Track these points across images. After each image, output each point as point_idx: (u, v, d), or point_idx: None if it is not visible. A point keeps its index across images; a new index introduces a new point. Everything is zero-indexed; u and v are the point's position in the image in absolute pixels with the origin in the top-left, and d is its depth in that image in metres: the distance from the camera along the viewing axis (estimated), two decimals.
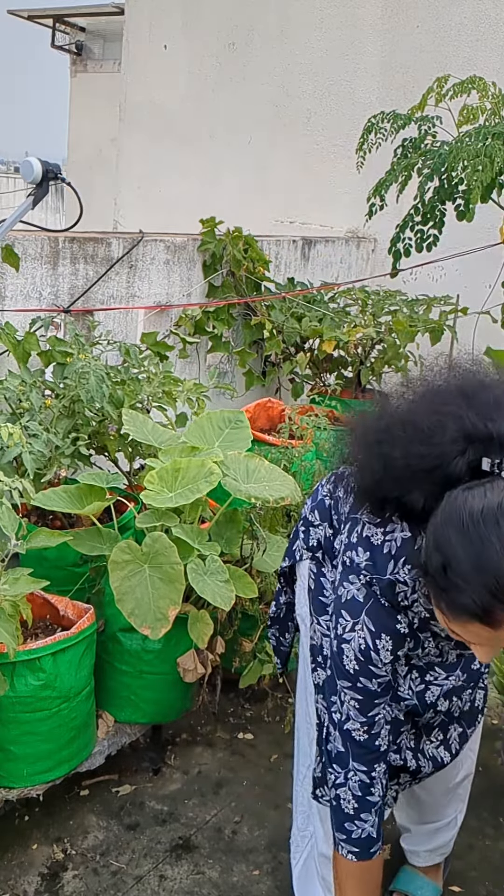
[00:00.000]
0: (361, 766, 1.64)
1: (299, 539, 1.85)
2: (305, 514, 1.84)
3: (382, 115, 3.70)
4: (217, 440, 2.57)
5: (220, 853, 2.22)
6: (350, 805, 1.66)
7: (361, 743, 1.63)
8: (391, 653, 1.58)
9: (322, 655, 1.79)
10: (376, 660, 1.57)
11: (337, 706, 1.64)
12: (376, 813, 1.68)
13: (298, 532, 1.86)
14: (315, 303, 4.10)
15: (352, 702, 1.62)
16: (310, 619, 1.82)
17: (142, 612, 2.11)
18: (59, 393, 2.53)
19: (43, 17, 10.37)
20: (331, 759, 1.69)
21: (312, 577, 1.81)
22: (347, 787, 1.66)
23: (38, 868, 2.12)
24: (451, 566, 1.32)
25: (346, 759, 1.65)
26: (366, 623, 1.56)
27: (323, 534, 1.79)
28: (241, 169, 5.95)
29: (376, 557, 1.54)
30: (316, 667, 1.82)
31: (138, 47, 6.54)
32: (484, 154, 3.07)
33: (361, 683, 1.60)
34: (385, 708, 1.64)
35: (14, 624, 1.92)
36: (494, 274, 4.17)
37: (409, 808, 2.11)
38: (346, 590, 1.58)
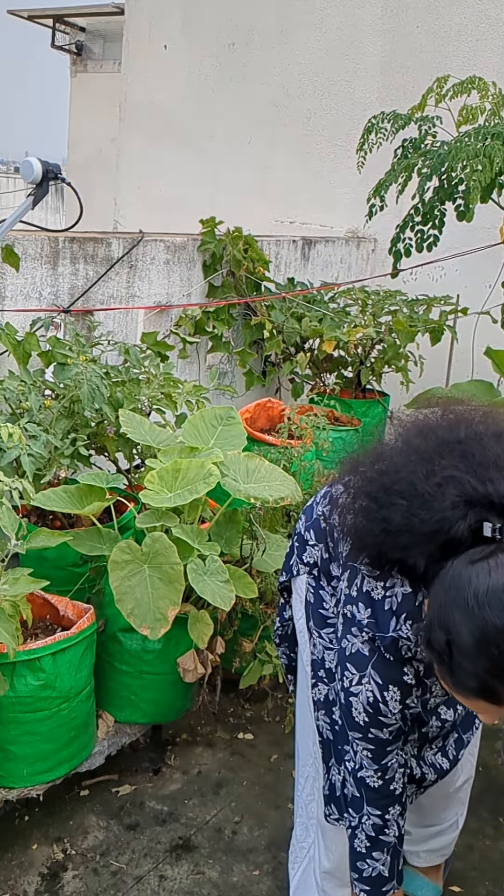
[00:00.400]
0: (376, 810, 1.65)
1: (294, 555, 1.84)
2: (300, 531, 1.83)
3: (382, 115, 3.70)
4: (212, 438, 2.57)
5: (220, 853, 2.22)
6: (363, 844, 1.67)
7: (376, 789, 1.64)
8: (400, 703, 1.58)
9: (324, 669, 1.78)
10: (385, 710, 1.57)
11: (350, 755, 1.65)
12: (388, 852, 1.68)
13: (294, 548, 1.84)
14: (315, 303, 4.10)
15: (364, 752, 1.62)
16: (308, 633, 1.81)
17: (141, 612, 2.11)
18: (59, 393, 2.53)
19: (43, 17, 10.37)
20: (346, 802, 1.70)
21: (311, 591, 1.79)
22: (361, 828, 1.67)
23: (38, 868, 2.12)
24: (455, 645, 1.30)
25: (360, 804, 1.66)
26: (372, 676, 1.56)
27: (319, 555, 1.77)
28: (241, 169, 5.95)
29: (377, 614, 1.54)
30: (317, 682, 1.80)
31: (138, 47, 6.54)
32: (483, 154, 3.07)
33: (372, 734, 1.60)
34: (398, 753, 1.64)
35: (14, 624, 1.92)
36: (494, 274, 4.17)
37: (410, 812, 2.12)
38: (350, 643, 1.58)
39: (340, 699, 1.62)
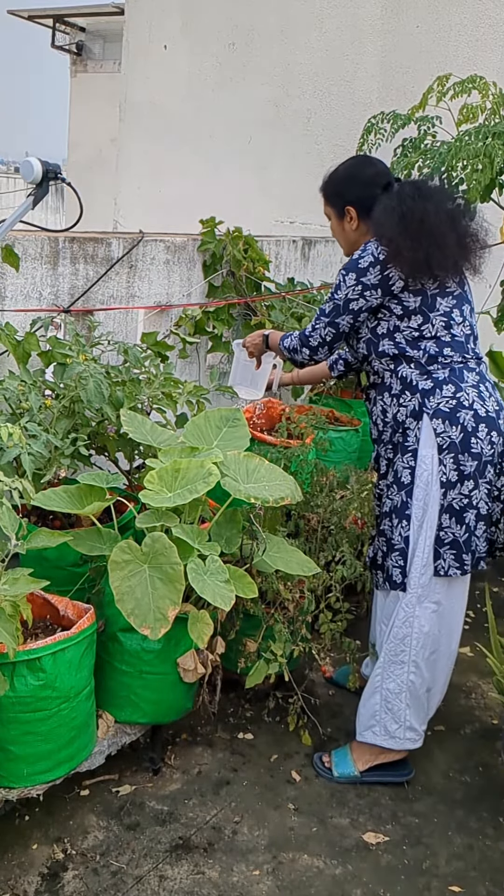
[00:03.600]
0: None
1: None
2: None
3: (382, 115, 3.70)
4: (215, 439, 2.58)
5: (220, 853, 2.22)
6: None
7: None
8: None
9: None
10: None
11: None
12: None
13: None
14: (315, 303, 4.10)
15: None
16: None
17: (142, 612, 2.11)
18: (59, 393, 2.53)
19: (43, 17, 10.38)
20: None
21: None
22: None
23: (38, 868, 2.12)
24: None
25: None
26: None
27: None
28: (241, 169, 5.96)
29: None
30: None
31: (138, 47, 6.54)
32: (484, 154, 3.07)
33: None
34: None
35: (14, 624, 1.92)
36: (494, 274, 4.17)
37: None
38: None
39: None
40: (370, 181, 2.50)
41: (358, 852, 2.26)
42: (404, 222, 2.32)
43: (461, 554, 2.38)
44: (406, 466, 2.41)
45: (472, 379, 2.40)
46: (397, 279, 2.36)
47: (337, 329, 2.49)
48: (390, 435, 2.48)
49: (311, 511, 2.97)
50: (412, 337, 2.39)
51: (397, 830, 2.35)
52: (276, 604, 2.62)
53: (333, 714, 2.83)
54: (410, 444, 2.40)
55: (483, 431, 2.35)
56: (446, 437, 2.34)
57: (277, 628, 2.55)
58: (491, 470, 2.37)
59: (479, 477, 2.36)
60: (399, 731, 2.49)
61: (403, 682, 2.47)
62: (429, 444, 2.36)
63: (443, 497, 2.36)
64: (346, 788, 2.49)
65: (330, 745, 2.67)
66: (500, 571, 4.04)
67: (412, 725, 2.50)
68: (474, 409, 2.35)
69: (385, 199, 2.41)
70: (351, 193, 2.53)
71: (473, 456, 2.34)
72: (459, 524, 2.36)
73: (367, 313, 2.44)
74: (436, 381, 2.37)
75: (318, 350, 2.57)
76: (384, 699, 2.49)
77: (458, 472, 2.35)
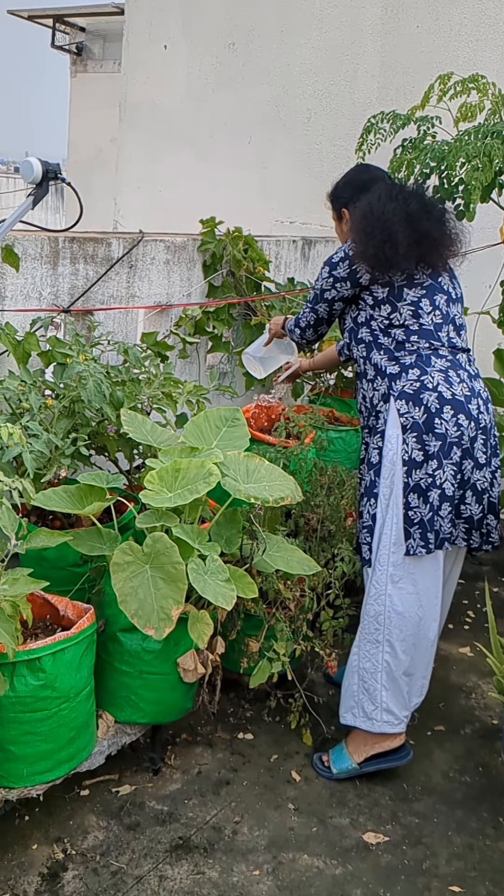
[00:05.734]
0: None
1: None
2: None
3: (382, 115, 3.69)
4: (215, 439, 2.58)
5: (220, 853, 2.22)
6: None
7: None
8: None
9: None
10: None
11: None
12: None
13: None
14: None
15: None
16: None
17: (145, 612, 2.11)
18: (59, 393, 2.53)
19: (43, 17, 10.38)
20: None
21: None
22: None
23: (38, 868, 2.12)
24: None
25: None
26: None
27: None
28: (241, 169, 5.95)
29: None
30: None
31: (138, 47, 6.54)
32: (483, 153, 3.07)
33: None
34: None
35: (14, 624, 1.92)
36: (494, 274, 4.17)
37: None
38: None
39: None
40: (363, 186, 2.72)
41: (358, 852, 2.26)
42: (364, 221, 2.55)
43: (426, 533, 2.43)
44: (375, 447, 2.53)
45: (441, 364, 2.50)
46: (364, 273, 2.55)
47: (316, 314, 2.77)
48: (366, 419, 2.62)
49: (311, 510, 2.97)
50: (384, 325, 2.55)
51: (397, 830, 2.35)
52: (277, 603, 2.62)
53: (334, 713, 2.83)
54: (380, 425, 2.53)
55: (448, 413, 2.42)
56: (409, 418, 2.44)
57: (279, 627, 2.55)
58: (458, 452, 2.43)
59: (444, 457, 2.42)
60: (376, 713, 2.51)
61: (379, 662, 2.49)
62: (394, 425, 2.47)
63: (407, 475, 2.43)
64: (345, 788, 2.49)
65: (331, 744, 2.67)
66: (500, 571, 4.04)
67: (389, 708, 2.50)
68: (439, 392, 2.44)
69: (361, 200, 2.62)
70: (346, 196, 2.78)
71: (437, 436, 2.42)
72: (424, 503, 2.43)
73: (341, 303, 2.68)
74: (402, 365, 2.50)
75: (305, 330, 2.86)
76: (361, 679, 2.53)
77: (422, 451, 2.42)
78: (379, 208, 2.52)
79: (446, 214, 2.61)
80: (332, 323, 2.81)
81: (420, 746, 2.71)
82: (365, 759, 2.53)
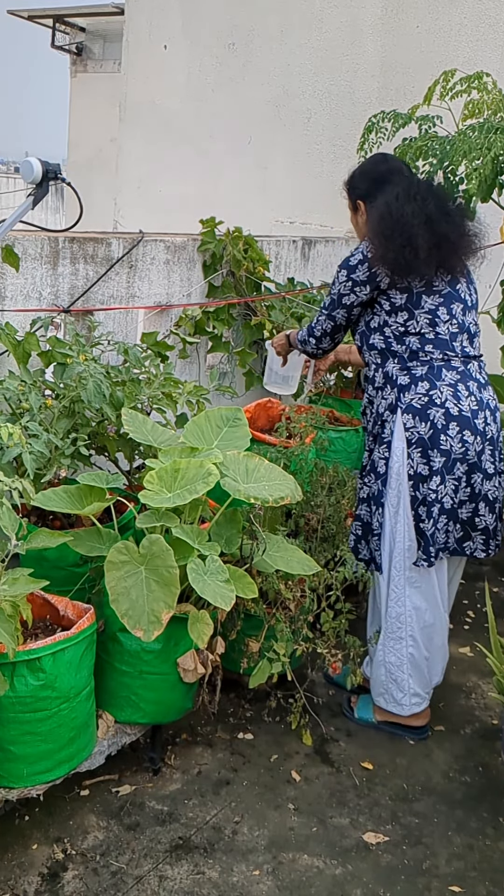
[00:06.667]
0: None
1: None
2: None
3: (383, 114, 3.69)
4: (216, 439, 2.58)
5: (220, 853, 2.22)
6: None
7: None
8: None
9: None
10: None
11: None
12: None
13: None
14: (315, 303, 4.10)
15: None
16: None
17: (136, 613, 2.11)
18: (59, 393, 2.53)
19: (43, 17, 10.38)
20: None
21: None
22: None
23: (38, 868, 2.12)
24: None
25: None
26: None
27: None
28: (241, 169, 5.96)
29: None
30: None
31: (138, 47, 6.54)
32: (484, 146, 3.09)
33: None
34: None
35: (14, 624, 1.92)
36: (494, 274, 4.17)
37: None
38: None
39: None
40: (380, 177, 2.65)
41: (358, 852, 2.26)
42: (383, 223, 2.48)
43: (428, 546, 2.53)
44: (381, 457, 2.56)
45: (451, 377, 2.50)
46: (384, 276, 2.51)
47: (334, 321, 2.68)
48: (371, 425, 2.64)
49: (312, 511, 2.97)
50: (399, 332, 2.52)
51: (397, 830, 2.35)
52: (278, 603, 2.62)
53: (334, 713, 2.83)
54: (386, 436, 2.55)
55: (454, 430, 2.46)
56: (415, 433, 2.48)
57: (279, 627, 2.55)
58: (460, 467, 2.48)
59: (447, 473, 2.48)
60: (405, 699, 2.69)
61: (404, 655, 2.66)
62: (400, 438, 2.51)
63: (414, 489, 2.50)
64: (345, 788, 2.49)
65: (331, 744, 2.67)
66: (500, 571, 4.04)
67: (416, 692, 2.69)
68: (446, 408, 2.46)
69: (380, 198, 2.56)
70: (362, 188, 2.71)
71: (442, 452, 2.46)
72: (428, 518, 2.51)
73: (360, 308, 2.60)
74: (413, 377, 2.50)
75: (321, 340, 2.76)
76: (388, 671, 2.68)
77: (427, 466, 2.48)
78: (398, 210, 2.46)
79: (463, 215, 2.58)
80: (348, 329, 2.74)
81: (420, 746, 2.71)
82: (385, 721, 2.75)
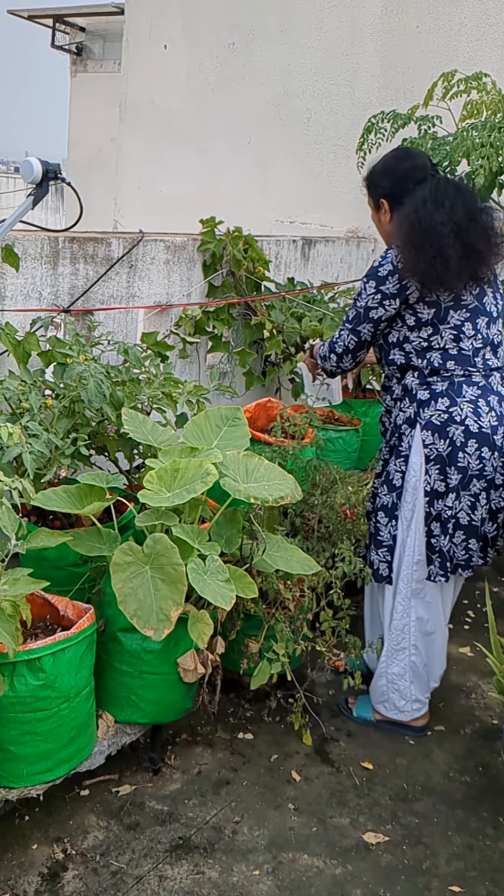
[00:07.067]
0: None
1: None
2: None
3: (382, 114, 3.70)
4: (215, 439, 2.57)
5: (220, 853, 2.22)
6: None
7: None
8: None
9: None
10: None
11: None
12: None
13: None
14: (315, 303, 4.10)
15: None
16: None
17: (145, 613, 2.11)
18: (59, 393, 2.53)
19: (43, 17, 10.39)
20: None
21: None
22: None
23: (38, 868, 2.12)
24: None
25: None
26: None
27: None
28: (241, 169, 5.96)
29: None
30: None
31: (138, 47, 6.55)
32: (489, 145, 3.10)
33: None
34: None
35: (14, 624, 1.92)
36: None
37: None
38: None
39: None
40: (405, 175, 2.54)
41: (358, 852, 2.26)
42: (413, 232, 2.37)
43: (445, 562, 2.53)
44: (398, 470, 2.55)
45: (472, 393, 2.44)
46: (413, 289, 2.41)
47: (359, 337, 2.55)
48: (388, 437, 2.61)
49: (310, 510, 2.97)
50: (421, 347, 2.46)
51: (397, 830, 2.35)
52: (277, 603, 2.62)
53: (334, 713, 2.84)
54: (403, 449, 2.52)
55: (472, 447, 2.42)
56: (433, 449, 2.44)
57: (279, 627, 2.55)
58: (476, 483, 2.46)
59: (463, 489, 2.46)
60: (406, 706, 2.73)
61: (406, 665, 2.69)
62: (418, 453, 2.48)
63: (429, 505, 2.48)
64: (345, 788, 2.49)
65: (331, 744, 2.67)
66: (500, 571, 4.04)
67: (417, 698, 2.73)
68: (466, 425, 2.42)
69: (408, 202, 2.45)
70: (385, 186, 2.60)
71: (459, 469, 2.44)
72: (444, 534, 2.50)
73: (386, 323, 2.50)
74: (433, 392, 2.45)
75: (342, 357, 2.63)
76: (390, 682, 2.71)
77: (444, 483, 2.46)
78: (427, 218, 2.36)
79: (491, 218, 2.45)
80: (371, 346, 2.60)
81: (420, 746, 2.71)
82: (384, 720, 2.77)
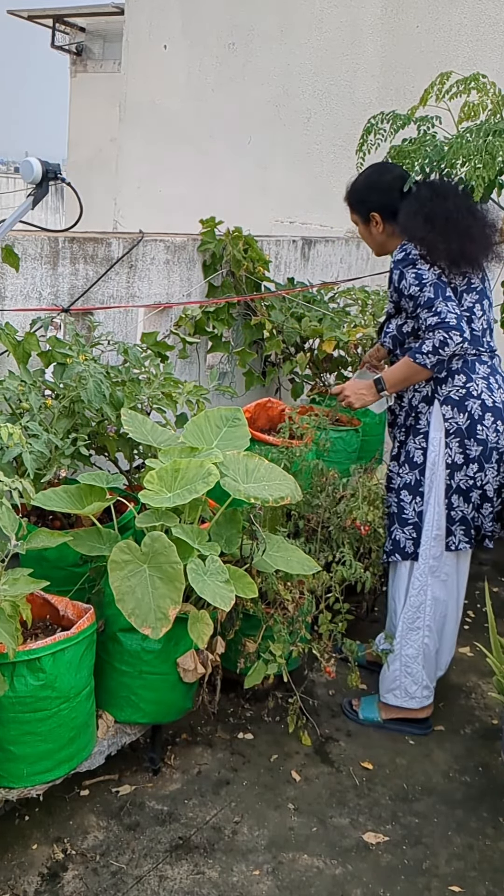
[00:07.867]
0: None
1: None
2: None
3: (382, 115, 3.69)
4: (215, 439, 2.58)
5: (220, 853, 2.22)
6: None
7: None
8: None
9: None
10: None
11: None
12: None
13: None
14: (315, 303, 4.10)
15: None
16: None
17: (142, 611, 2.11)
18: (59, 393, 2.53)
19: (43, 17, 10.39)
20: None
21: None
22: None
23: (38, 868, 2.12)
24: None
25: None
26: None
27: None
28: (241, 169, 5.96)
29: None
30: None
31: (138, 47, 6.55)
32: (485, 151, 3.07)
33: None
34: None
35: (14, 624, 1.92)
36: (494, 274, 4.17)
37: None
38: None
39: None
40: (389, 186, 2.72)
41: (358, 852, 2.26)
42: (431, 222, 2.53)
43: (469, 529, 2.62)
44: (418, 447, 2.64)
45: (483, 371, 2.60)
46: (440, 272, 2.56)
47: (453, 299, 2.48)
48: (404, 419, 2.70)
49: (312, 511, 2.97)
50: None
51: (397, 830, 2.35)
52: (276, 604, 2.62)
53: (333, 714, 2.84)
54: (422, 427, 2.63)
55: (489, 420, 2.56)
56: (453, 423, 2.57)
57: (277, 629, 2.55)
58: (496, 456, 2.58)
59: (486, 462, 2.58)
60: (418, 692, 2.76)
61: (420, 647, 2.73)
62: (438, 428, 2.60)
63: (450, 478, 2.60)
64: (345, 788, 2.49)
65: (331, 744, 2.67)
66: (500, 571, 4.04)
67: (427, 684, 2.77)
68: (482, 399, 2.56)
69: (406, 206, 2.61)
70: (373, 200, 2.75)
71: (479, 441, 2.56)
72: (467, 503, 2.60)
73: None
74: (449, 370, 2.58)
75: (460, 323, 2.44)
76: (404, 665, 2.74)
77: (463, 455, 2.57)
78: (439, 207, 2.55)
79: (487, 210, 2.67)
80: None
81: (420, 746, 2.71)
82: (391, 718, 2.79)
